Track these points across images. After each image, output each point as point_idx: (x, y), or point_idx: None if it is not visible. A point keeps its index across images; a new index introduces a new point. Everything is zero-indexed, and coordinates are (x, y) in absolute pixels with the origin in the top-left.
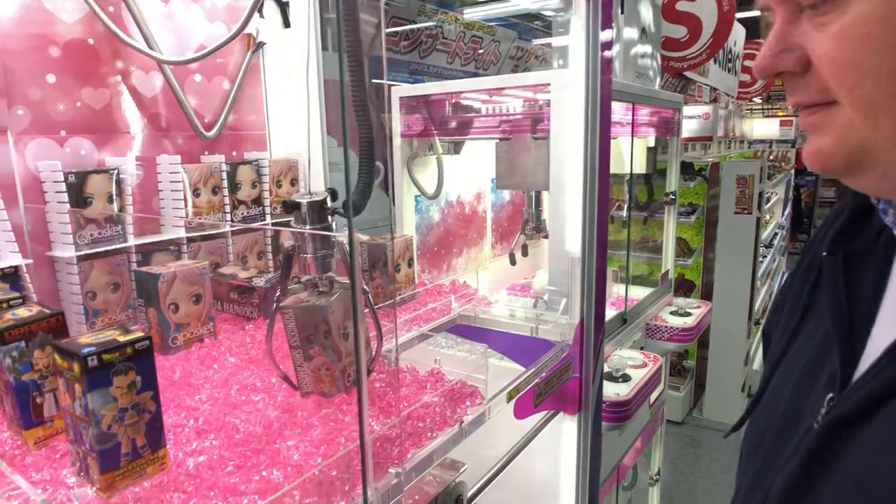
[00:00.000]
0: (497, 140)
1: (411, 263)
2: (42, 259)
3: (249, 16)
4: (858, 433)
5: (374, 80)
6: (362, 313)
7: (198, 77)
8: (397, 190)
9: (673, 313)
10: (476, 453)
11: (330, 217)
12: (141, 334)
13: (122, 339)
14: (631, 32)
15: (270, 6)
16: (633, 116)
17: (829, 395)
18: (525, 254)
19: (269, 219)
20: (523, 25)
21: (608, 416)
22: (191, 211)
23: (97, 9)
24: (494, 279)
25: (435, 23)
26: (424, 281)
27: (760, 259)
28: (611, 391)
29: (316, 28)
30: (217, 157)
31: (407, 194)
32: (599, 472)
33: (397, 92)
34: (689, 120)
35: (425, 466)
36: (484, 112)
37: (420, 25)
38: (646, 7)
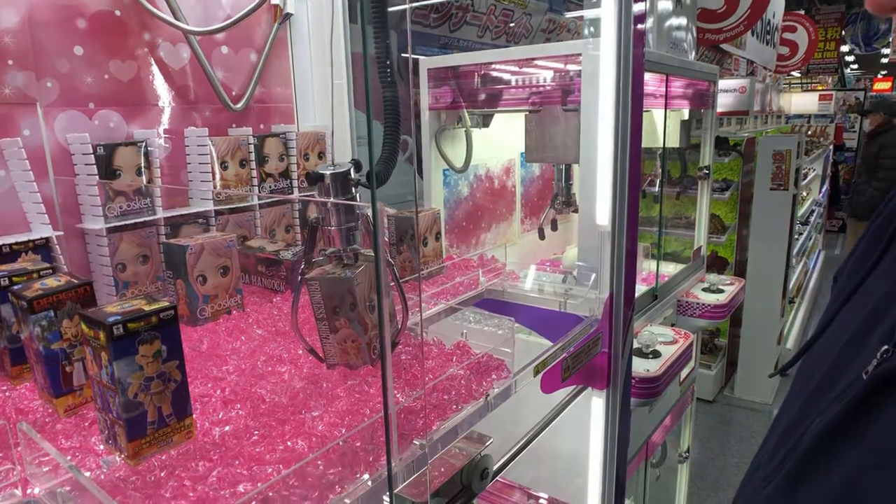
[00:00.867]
0: (527, 112)
1: (439, 237)
2: (73, 231)
3: None
4: None
5: (403, 55)
6: (387, 285)
7: (225, 49)
8: (425, 164)
9: (705, 290)
10: (503, 428)
11: (354, 189)
12: (167, 304)
13: (148, 309)
14: (665, 3)
15: None
16: (667, 88)
17: (884, 348)
18: (555, 228)
19: (297, 192)
20: None
21: (637, 393)
22: (219, 184)
23: None
24: (523, 254)
25: None
26: (452, 255)
27: (796, 237)
28: (640, 367)
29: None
30: (244, 130)
31: (435, 168)
32: (627, 448)
33: (425, 63)
34: (725, 94)
35: (451, 439)
36: (513, 84)
37: None
38: None
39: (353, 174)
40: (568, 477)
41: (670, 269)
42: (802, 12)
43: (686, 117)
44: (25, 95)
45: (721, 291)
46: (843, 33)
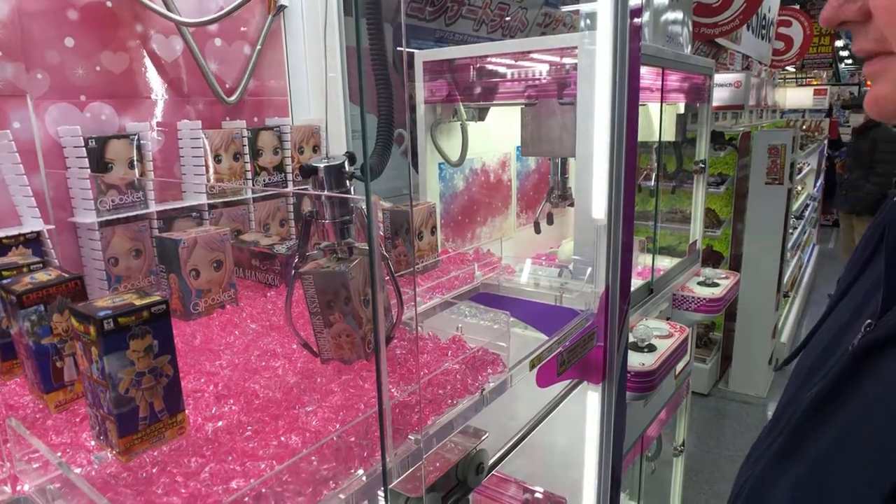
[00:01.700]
0: (523, 106)
1: (434, 231)
2: (64, 225)
3: None
4: (891, 353)
5: (398, 49)
6: (382, 278)
7: (218, 41)
8: (421, 157)
9: (700, 284)
10: (499, 422)
11: (348, 182)
12: (158, 298)
13: (139, 303)
14: None
15: None
16: (663, 82)
17: (868, 322)
18: (550, 222)
19: (291, 186)
20: None
21: (633, 386)
22: (212, 177)
23: None
24: (519, 248)
25: None
26: (448, 249)
27: (791, 231)
28: (636, 361)
29: None
30: (238, 123)
31: (430, 162)
32: (623, 442)
33: (421, 57)
34: (720, 88)
35: (446, 433)
36: (509, 77)
37: None
38: None
39: (348, 167)
40: (564, 471)
41: (666, 263)
42: (797, 7)
43: (682, 111)
44: (15, 87)
45: (716, 285)
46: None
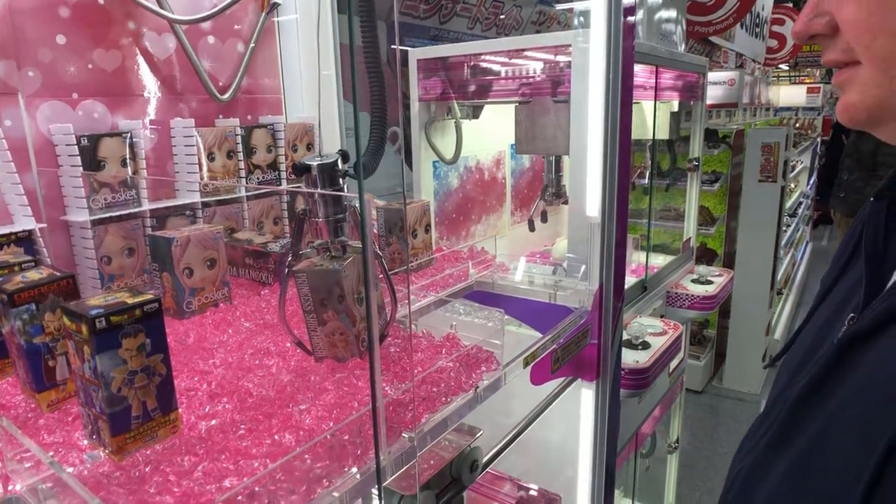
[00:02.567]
0: (517, 103)
1: (428, 229)
2: (57, 223)
3: None
4: (873, 344)
5: (392, 46)
6: (375, 276)
7: (211, 39)
8: (415, 155)
9: (694, 281)
10: (493, 420)
11: (342, 180)
12: (151, 296)
13: (131, 302)
14: None
15: None
16: (657, 80)
17: (850, 315)
18: (545, 220)
19: (285, 184)
20: None
21: (627, 384)
22: (206, 175)
23: None
24: (513, 246)
25: None
26: (442, 247)
27: (784, 228)
28: (630, 358)
29: None
30: (232, 121)
31: (425, 160)
32: (617, 439)
33: (415, 54)
34: (714, 86)
35: (440, 431)
36: (503, 75)
37: None
38: None
39: (341, 165)
40: (558, 468)
41: (659, 261)
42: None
43: (675, 109)
44: (6, 85)
45: (710, 283)
46: None
